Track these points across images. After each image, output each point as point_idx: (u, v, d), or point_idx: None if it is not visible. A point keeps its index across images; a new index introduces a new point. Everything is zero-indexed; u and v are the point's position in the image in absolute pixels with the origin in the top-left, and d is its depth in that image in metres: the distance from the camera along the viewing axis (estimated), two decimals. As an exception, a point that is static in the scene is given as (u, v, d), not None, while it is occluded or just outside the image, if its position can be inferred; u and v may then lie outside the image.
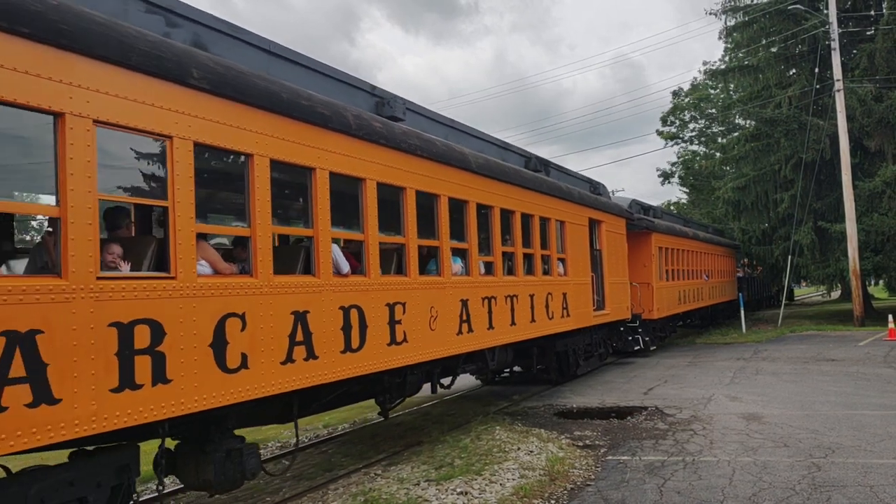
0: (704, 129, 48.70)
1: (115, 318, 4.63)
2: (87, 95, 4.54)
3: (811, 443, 9.08)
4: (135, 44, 4.80)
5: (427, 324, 8.04)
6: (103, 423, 4.53)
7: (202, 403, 5.15)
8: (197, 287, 5.18)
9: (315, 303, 6.28)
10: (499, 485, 7.61)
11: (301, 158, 6.20)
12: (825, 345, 20.70)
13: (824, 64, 27.57)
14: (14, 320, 4.10)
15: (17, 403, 4.09)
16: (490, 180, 9.80)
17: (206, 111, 5.30)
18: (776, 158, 29.72)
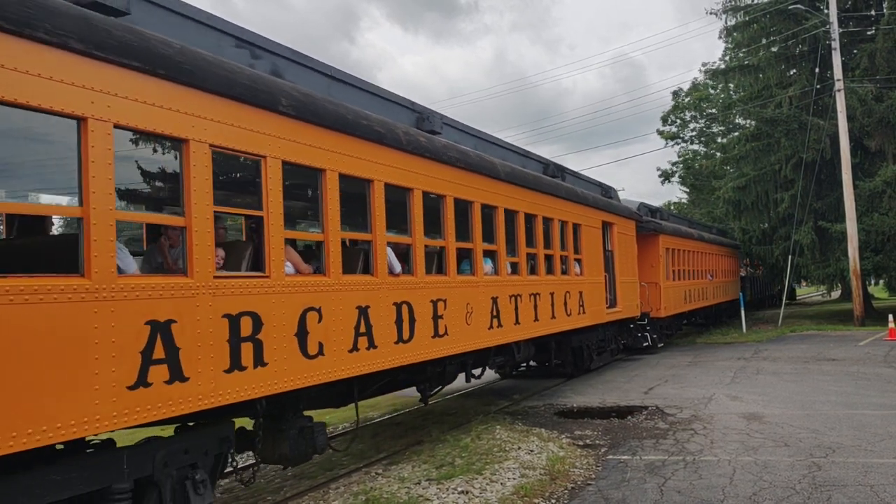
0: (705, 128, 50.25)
1: (226, 310, 5.77)
2: (205, 124, 5.68)
3: (811, 442, 9.41)
4: (237, 79, 5.95)
5: (464, 319, 9.29)
6: (219, 398, 5.67)
7: (290, 384, 6.32)
8: (285, 285, 6.34)
9: (374, 299, 7.48)
10: (499, 484, 7.96)
11: (362, 171, 7.40)
12: (825, 344, 21.53)
13: (825, 64, 28.79)
14: (155, 312, 5.24)
15: (158, 380, 5.23)
16: (515, 187, 11.10)
17: (291, 133, 6.46)
18: (776, 158, 31.02)
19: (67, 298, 4.65)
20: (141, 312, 5.13)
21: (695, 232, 27.90)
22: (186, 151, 5.53)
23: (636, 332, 20.20)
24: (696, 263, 26.87)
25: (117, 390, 4.92)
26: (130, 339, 5.03)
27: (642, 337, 20.43)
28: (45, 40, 4.58)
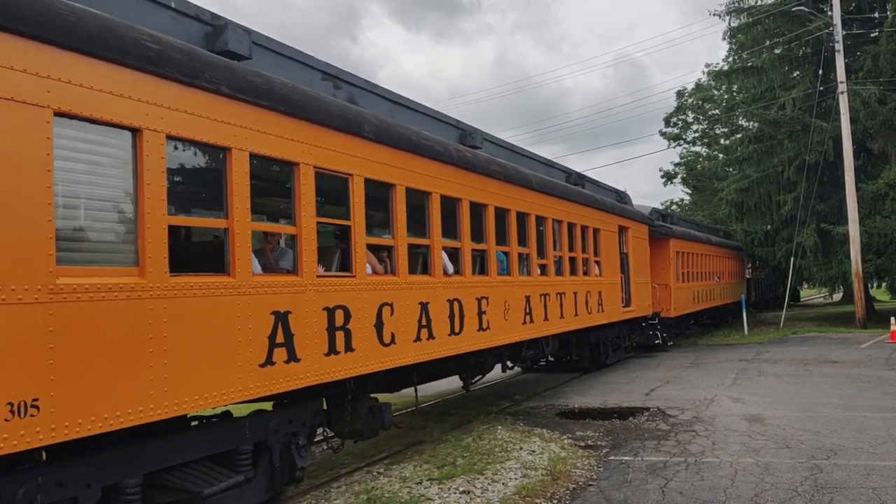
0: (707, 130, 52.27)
1: (325, 304, 7.39)
2: (310, 150, 7.30)
3: (813, 444, 9.84)
4: (333, 111, 7.57)
5: (502, 315, 10.99)
6: (321, 376, 7.29)
7: (371, 367, 7.95)
8: (367, 283, 7.97)
9: (433, 296, 9.14)
10: (501, 484, 8.39)
11: (423, 185, 9.06)
12: (827, 347, 22.68)
13: (828, 66, 30.36)
14: (278, 304, 6.84)
15: (280, 360, 6.83)
16: (545, 195, 12.89)
17: (371, 154, 8.09)
18: (779, 160, 32.71)
19: (220, 293, 6.25)
20: (268, 305, 6.73)
21: (703, 235, 30.34)
22: (297, 173, 7.14)
23: (648, 331, 22.37)
24: (704, 266, 29.27)
25: (252, 367, 6.52)
26: (261, 326, 6.64)
27: (653, 335, 22.62)
28: (206, 87, 6.17)
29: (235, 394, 6.34)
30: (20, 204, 4.81)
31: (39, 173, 4.94)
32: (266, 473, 7.25)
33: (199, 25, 6.86)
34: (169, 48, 5.90)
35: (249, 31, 7.23)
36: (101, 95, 5.38)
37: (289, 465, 7.46)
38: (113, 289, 5.39)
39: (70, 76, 5.18)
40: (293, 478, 7.50)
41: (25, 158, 4.86)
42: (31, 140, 4.90)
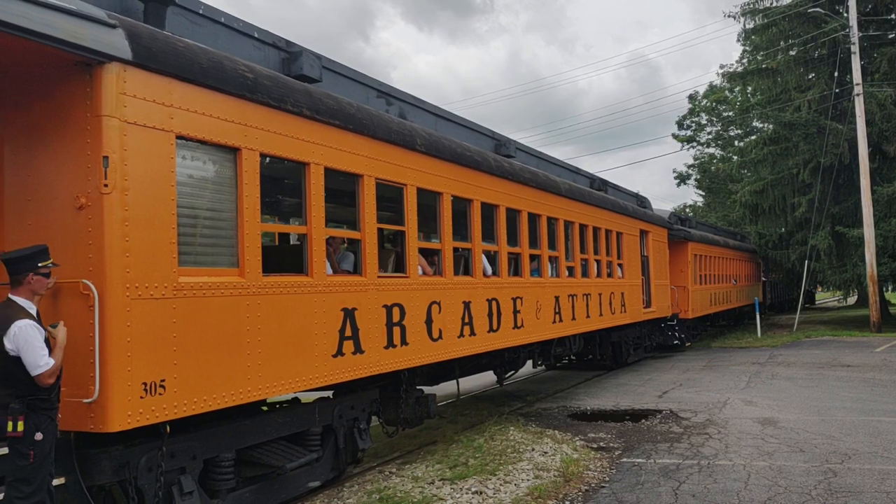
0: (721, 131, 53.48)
1: (384, 301, 8.53)
2: (372, 163, 8.47)
3: (827, 448, 10.07)
4: (391, 127, 8.72)
5: (534, 314, 12.15)
6: (381, 367, 8.44)
7: (422, 360, 9.10)
8: (419, 283, 9.12)
9: (474, 295, 10.29)
10: (513, 485, 8.68)
11: (466, 193, 10.22)
12: (841, 350, 23.30)
13: (844, 68, 31.46)
14: (346, 301, 7.99)
15: (348, 351, 7.97)
16: (573, 201, 14.10)
17: (422, 166, 9.24)
18: (794, 162, 33.74)
19: (301, 291, 7.39)
20: (338, 302, 7.88)
21: (720, 239, 31.81)
22: (362, 184, 8.29)
23: (667, 332, 23.76)
24: (721, 269, 30.76)
25: (325, 357, 7.66)
26: (333, 320, 7.78)
27: (672, 336, 24.03)
28: (290, 110, 7.31)
29: (313, 380, 7.48)
30: (154, 213, 5.95)
31: (167, 187, 6.09)
32: (332, 454, 8.41)
33: (276, 52, 8.02)
34: (261, 76, 7.04)
35: (319, 56, 8.39)
36: (210, 120, 6.52)
37: (351, 447, 8.61)
38: (220, 286, 6.53)
39: (187, 104, 6.32)
40: (355, 458, 8.68)
41: (157, 175, 6.00)
42: (160, 159, 6.05)
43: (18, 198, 6.08)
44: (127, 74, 5.80)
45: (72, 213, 5.78)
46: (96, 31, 5.59)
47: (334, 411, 8.37)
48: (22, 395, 5.06)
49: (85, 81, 5.73)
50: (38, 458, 5.12)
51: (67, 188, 5.80)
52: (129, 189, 5.77)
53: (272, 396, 7.18)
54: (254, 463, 7.40)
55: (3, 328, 5.03)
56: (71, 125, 5.79)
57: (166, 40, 6.22)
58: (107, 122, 5.68)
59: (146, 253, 5.87)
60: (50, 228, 5.86)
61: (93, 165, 5.69)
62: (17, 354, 5.01)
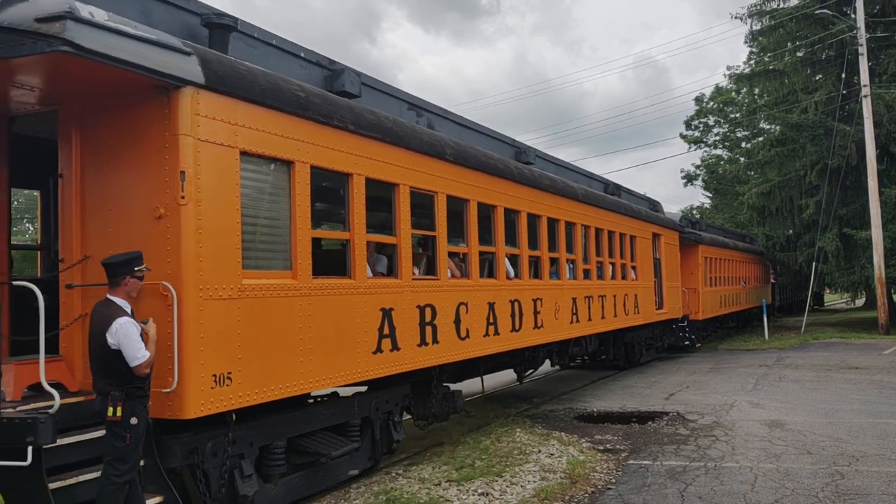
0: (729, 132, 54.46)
1: (417, 302, 9.40)
2: (407, 172, 9.37)
3: (834, 450, 10.30)
4: (423, 138, 9.60)
5: (553, 315, 13.04)
6: (416, 363, 9.30)
7: (452, 358, 9.97)
8: (448, 285, 9.99)
9: (498, 297, 11.18)
10: (519, 486, 8.92)
11: (490, 199, 11.13)
12: (849, 352, 23.84)
13: (851, 69, 32.10)
14: (384, 302, 8.85)
15: (386, 349, 8.84)
16: (589, 206, 15.09)
17: (451, 174, 10.12)
18: (801, 164, 34.46)
19: (345, 292, 8.25)
20: (377, 302, 8.75)
21: (730, 241, 33.11)
22: (398, 192, 9.16)
23: (678, 333, 24.91)
24: (730, 271, 32.00)
25: (367, 354, 8.53)
26: (372, 319, 8.64)
27: (683, 337, 25.19)
28: (336, 125, 8.17)
29: (356, 375, 8.34)
30: (222, 222, 6.81)
31: (232, 198, 6.95)
32: (369, 444, 9.28)
33: (320, 70, 8.89)
34: (312, 95, 7.91)
35: (359, 73, 9.28)
36: (268, 136, 7.38)
37: (387, 439, 9.47)
38: (276, 288, 7.39)
39: (249, 122, 7.18)
40: (390, 448, 9.54)
41: (224, 187, 6.86)
42: (227, 173, 6.91)
43: (99, 207, 6.93)
44: (199, 97, 6.66)
45: (151, 222, 6.63)
46: (176, 59, 6.45)
47: (371, 405, 9.23)
48: (121, 384, 5.90)
49: (163, 103, 6.58)
50: (133, 440, 5.97)
51: (147, 200, 6.65)
52: (202, 200, 6.62)
53: (320, 389, 8.04)
54: (302, 451, 8.25)
55: (106, 325, 5.88)
56: (150, 143, 6.64)
57: (231, 65, 7.07)
58: (183, 141, 6.54)
59: (216, 258, 6.73)
60: (130, 236, 6.70)
61: (171, 179, 6.54)
62: (117, 348, 5.85)
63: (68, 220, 7.00)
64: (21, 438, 5.59)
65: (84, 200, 6.98)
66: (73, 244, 6.95)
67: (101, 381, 5.96)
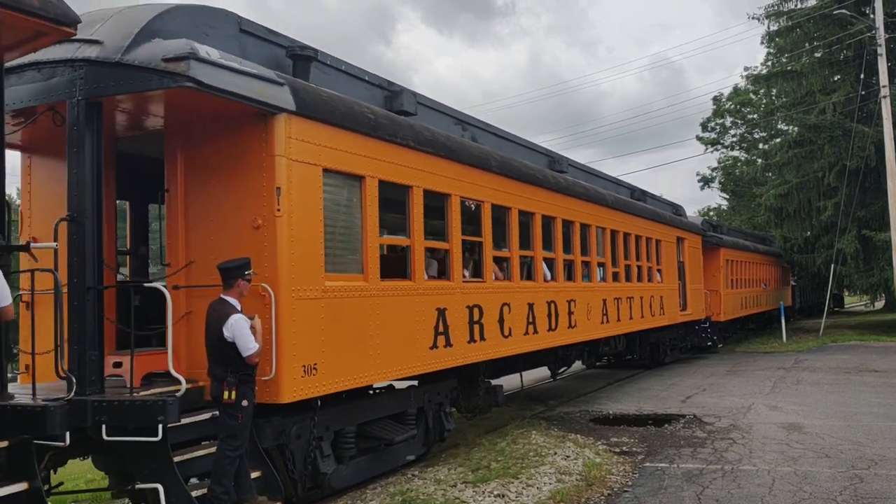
0: (746, 134, 55.73)
1: (467, 303, 10.70)
2: (457, 184, 10.69)
3: (853, 454, 10.56)
4: (472, 152, 10.90)
5: (586, 315, 14.37)
6: (466, 359, 10.61)
7: (497, 354, 11.29)
8: (493, 287, 11.29)
9: (536, 298, 12.50)
10: (535, 488, 9.22)
11: (529, 207, 12.46)
12: (868, 355, 24.58)
13: (870, 69, 32.99)
14: (439, 302, 10.15)
15: (441, 345, 10.14)
16: (618, 212, 16.60)
17: (495, 184, 11.44)
18: (819, 165, 35.36)
19: (407, 293, 9.55)
20: (433, 302, 10.04)
21: (750, 244, 34.88)
22: (450, 202, 10.46)
23: (701, 334, 26.42)
24: (751, 273, 33.78)
25: (424, 349, 9.82)
26: (429, 318, 9.94)
27: (706, 338, 26.72)
28: (399, 143, 9.47)
29: (415, 368, 9.64)
30: (309, 231, 8.10)
31: (317, 210, 8.24)
32: (423, 432, 10.58)
33: (380, 91, 10.20)
34: (380, 116, 9.21)
35: (415, 93, 10.60)
36: (345, 154, 8.67)
37: (438, 428, 10.76)
38: (351, 289, 8.68)
39: (329, 142, 8.47)
40: (441, 437, 10.83)
41: (311, 201, 8.15)
42: (312, 188, 8.20)
43: (200, 218, 8.21)
44: (291, 122, 7.95)
45: (249, 231, 7.91)
46: (272, 90, 7.74)
47: (424, 396, 10.54)
48: (234, 371, 7.18)
49: (261, 128, 7.86)
50: (244, 420, 7.26)
51: (245, 212, 7.93)
52: (294, 213, 7.91)
53: (386, 380, 9.33)
54: (368, 436, 9.54)
55: (222, 320, 7.17)
56: (249, 162, 7.93)
57: (316, 92, 8.37)
58: (278, 161, 7.83)
59: (304, 262, 8.01)
60: (229, 243, 7.98)
61: (268, 194, 7.82)
62: (232, 340, 7.13)
63: (174, 229, 8.29)
64: (153, 418, 6.86)
65: (187, 212, 8.27)
66: (179, 251, 8.24)
67: (217, 369, 7.24)
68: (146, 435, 6.86)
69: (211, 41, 7.66)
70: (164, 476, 6.97)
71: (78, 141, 7.12)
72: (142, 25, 7.26)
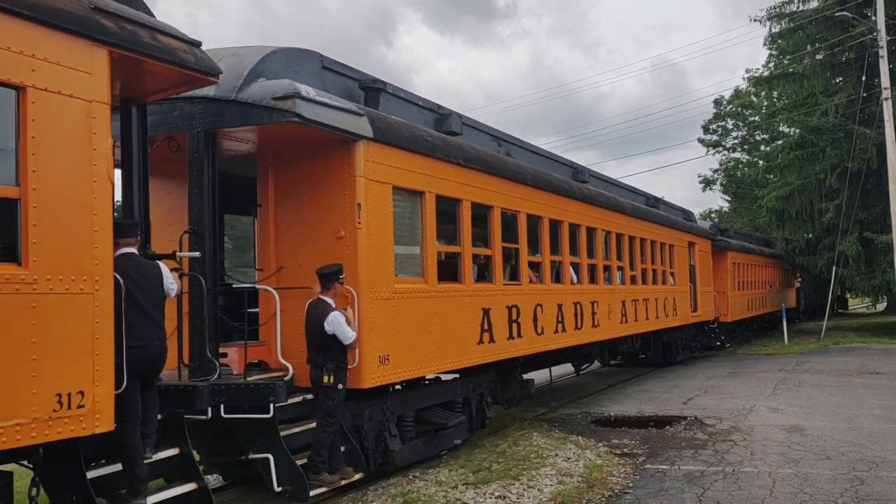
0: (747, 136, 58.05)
1: (507, 303, 12.66)
2: (498, 196, 12.66)
3: (854, 456, 10.99)
4: (509, 167, 12.87)
5: (607, 315, 16.42)
6: (505, 354, 12.59)
7: (531, 350, 13.27)
8: (528, 289, 13.28)
9: (564, 299, 14.51)
10: (536, 490, 9.68)
11: (558, 216, 14.52)
12: (870, 357, 25.77)
13: (872, 72, 34.73)
14: (483, 303, 12.10)
15: (486, 341, 12.12)
16: (635, 219, 18.91)
17: (530, 196, 13.43)
18: (821, 167, 37.18)
19: (458, 294, 11.50)
20: (479, 303, 12.00)
21: (756, 247, 37.76)
22: (492, 213, 12.42)
23: (709, 334, 28.96)
24: (756, 275, 36.69)
25: (472, 344, 11.77)
26: (476, 316, 11.88)
27: (714, 338, 29.33)
28: (452, 161, 11.41)
29: (465, 361, 11.58)
30: (382, 241, 10.02)
31: (388, 223, 10.16)
32: (467, 419, 12.48)
33: (431, 114, 12.14)
34: (436, 139, 11.14)
35: (461, 115, 12.55)
36: (408, 173, 10.60)
37: (480, 415, 12.69)
38: (415, 291, 10.61)
39: (397, 163, 10.39)
40: (483, 424, 12.76)
41: (383, 215, 10.07)
42: (385, 204, 10.12)
43: (288, 230, 10.10)
44: (369, 147, 9.85)
45: (333, 241, 9.80)
46: (355, 120, 9.66)
47: (469, 387, 12.47)
48: (332, 359, 9.08)
49: (344, 152, 9.76)
50: (339, 400, 9.16)
51: (329, 224, 9.82)
52: (370, 225, 9.82)
53: (442, 371, 11.24)
54: (423, 421, 11.44)
55: (323, 317, 9.05)
56: (333, 181, 9.83)
57: (387, 120, 10.29)
58: (359, 181, 9.73)
59: (379, 268, 9.92)
60: (315, 251, 9.86)
61: (349, 209, 9.72)
62: (332, 333, 9.02)
63: (265, 239, 10.19)
64: (265, 398, 8.73)
65: (277, 224, 10.15)
66: (270, 257, 10.13)
67: (317, 358, 9.13)
68: (259, 413, 8.72)
69: (300, 78, 9.55)
70: (273, 447, 8.83)
71: (198, 165, 9.02)
72: (250, 68, 9.17)
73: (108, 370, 6.39)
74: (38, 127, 5.91)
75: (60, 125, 6.09)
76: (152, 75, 7.46)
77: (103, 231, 6.44)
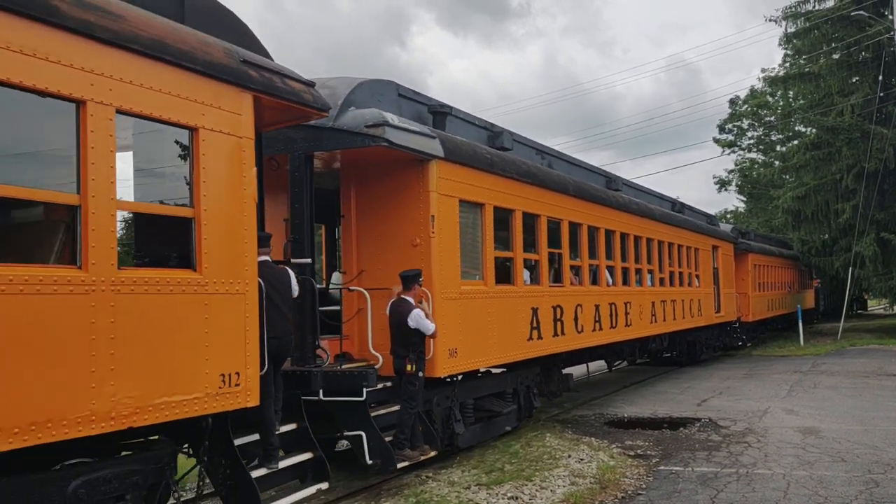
0: (763, 136, 60.21)
1: (552, 303, 14.83)
2: (546, 206, 14.77)
3: (870, 458, 11.26)
4: (553, 179, 15.01)
5: (638, 315, 18.64)
6: (550, 349, 14.77)
7: (573, 346, 15.46)
8: (570, 290, 15.47)
9: (601, 300, 16.69)
10: (549, 491, 9.96)
11: (595, 223, 16.80)
12: (887, 359, 26.67)
13: (889, 71, 36.61)
14: (533, 302, 14.26)
15: (535, 337, 14.26)
16: (663, 224, 21.25)
17: (571, 205, 15.59)
18: (838, 167, 38.79)
19: (511, 295, 13.63)
20: (529, 302, 14.13)
21: (775, 249, 40.25)
22: (539, 222, 14.53)
23: (732, 334, 31.30)
24: (776, 276, 39.34)
25: (524, 340, 13.90)
26: (526, 315, 14.00)
27: (736, 338, 31.74)
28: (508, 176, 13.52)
29: (517, 355, 13.71)
30: (450, 248, 12.12)
31: (455, 232, 12.27)
32: (516, 408, 14.57)
33: (485, 132, 14.28)
34: (495, 157, 13.26)
35: (512, 132, 14.63)
36: (471, 187, 12.70)
37: (528, 405, 14.81)
38: (477, 292, 12.74)
39: (462, 179, 12.48)
40: (530, 413, 14.89)
41: (452, 224, 12.18)
42: (452, 215, 12.22)
43: (366, 238, 12.18)
44: (440, 165, 11.94)
45: (409, 248, 11.88)
46: (429, 142, 11.74)
47: (518, 379, 14.57)
48: (414, 351, 11.15)
49: (419, 170, 11.84)
50: (419, 387, 11.24)
51: (406, 233, 11.89)
52: (441, 234, 11.90)
53: (499, 364, 13.34)
54: (480, 408, 13.52)
55: (406, 314, 11.13)
56: (409, 195, 11.90)
57: (454, 141, 12.39)
58: (432, 195, 11.82)
59: (448, 272, 12.01)
60: (392, 257, 11.94)
61: (424, 220, 11.80)
62: (416, 327, 11.09)
63: (348, 246, 12.27)
64: (358, 384, 10.79)
65: (359, 233, 12.23)
66: (353, 262, 12.22)
67: (400, 350, 11.20)
68: (353, 396, 10.77)
69: (382, 105, 11.64)
70: (366, 426, 10.89)
71: (298, 183, 11.09)
72: (343, 98, 11.25)
73: (255, 356, 8.39)
74: (207, 160, 7.93)
75: (221, 158, 8.13)
76: (278, 111, 9.48)
77: (251, 242, 8.47)
